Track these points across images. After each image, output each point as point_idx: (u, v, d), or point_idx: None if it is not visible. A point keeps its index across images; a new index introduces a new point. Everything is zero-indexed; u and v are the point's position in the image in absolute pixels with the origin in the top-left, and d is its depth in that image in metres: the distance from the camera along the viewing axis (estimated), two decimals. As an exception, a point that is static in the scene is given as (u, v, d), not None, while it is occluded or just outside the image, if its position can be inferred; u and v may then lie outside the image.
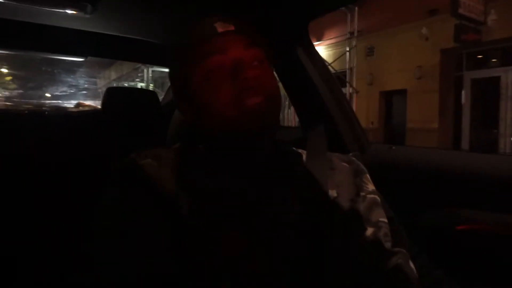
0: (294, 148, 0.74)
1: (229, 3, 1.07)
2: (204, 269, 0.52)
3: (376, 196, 0.69)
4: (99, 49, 1.58)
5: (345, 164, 0.72)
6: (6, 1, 1.04)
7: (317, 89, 1.19)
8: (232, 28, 0.64)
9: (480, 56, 7.59)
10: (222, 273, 0.52)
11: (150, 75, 11.69)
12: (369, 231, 0.63)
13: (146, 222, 0.54)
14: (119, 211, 0.56)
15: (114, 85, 13.36)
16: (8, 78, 10.48)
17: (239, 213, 0.58)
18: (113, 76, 14.84)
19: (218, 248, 0.54)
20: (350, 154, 1.15)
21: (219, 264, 0.53)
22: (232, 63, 0.61)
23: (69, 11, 1.12)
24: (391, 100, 9.14)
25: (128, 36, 1.45)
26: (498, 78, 7.15)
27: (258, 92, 0.60)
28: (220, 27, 0.63)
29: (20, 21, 1.24)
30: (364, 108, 9.32)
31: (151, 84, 11.55)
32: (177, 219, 0.55)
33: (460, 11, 6.57)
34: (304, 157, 0.71)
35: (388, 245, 0.63)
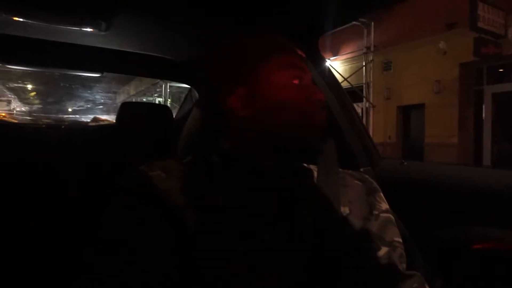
0: (305, 164, 0.73)
1: (239, 17, 1.09)
2: (210, 284, 0.52)
3: (390, 215, 0.68)
4: (114, 65, 1.61)
5: (357, 182, 0.71)
6: (24, 20, 1.08)
7: (328, 103, 1.18)
8: (304, 55, 0.70)
9: (501, 70, 7.44)
10: None
11: (168, 90, 11.92)
12: (383, 250, 0.62)
13: (152, 235, 0.54)
14: (125, 223, 0.56)
15: (133, 100, 13.66)
16: (33, 93, 10.85)
17: (248, 229, 0.57)
18: (132, 91, 15.18)
19: (225, 263, 0.53)
20: (361, 169, 1.14)
21: (226, 280, 0.52)
22: (306, 83, 0.67)
23: (84, 29, 1.16)
24: (409, 115, 9.02)
25: (142, 52, 1.48)
26: (520, 92, 6.98)
27: (323, 113, 0.67)
28: (298, 50, 0.70)
29: (38, 38, 1.28)
30: (382, 123, 9.21)
31: (168, 99, 11.75)
32: (184, 232, 0.55)
33: (480, 24, 6.48)
34: (315, 173, 0.70)
35: (403, 266, 0.62)
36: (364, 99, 9.35)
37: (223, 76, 0.69)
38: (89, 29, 1.15)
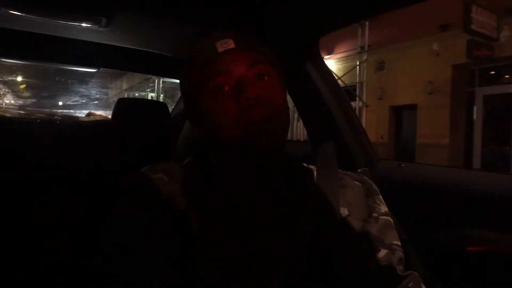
0: (304, 164, 0.73)
1: (239, 18, 1.09)
2: (213, 286, 0.52)
3: (389, 218, 0.68)
4: (112, 60, 1.60)
5: (357, 183, 0.71)
6: (24, 15, 1.07)
7: (326, 104, 1.18)
8: (232, 46, 0.63)
9: (492, 72, 7.53)
10: None
11: (161, 85, 11.83)
12: (383, 253, 0.62)
13: (156, 239, 0.54)
14: (131, 227, 0.55)
15: (126, 95, 13.54)
16: (22, 86, 10.69)
17: (249, 231, 0.57)
18: (125, 86, 15.04)
19: (228, 267, 0.54)
20: (359, 170, 1.15)
21: (227, 283, 0.53)
22: (235, 83, 0.61)
23: (84, 24, 1.15)
24: (401, 115, 9.09)
25: (140, 48, 1.47)
26: (511, 95, 7.07)
27: (260, 109, 0.60)
28: (220, 47, 0.63)
29: (36, 33, 1.27)
30: (374, 123, 9.27)
31: (161, 95, 11.67)
32: (187, 236, 0.55)
33: (473, 27, 6.55)
34: (315, 173, 0.70)
35: (400, 269, 0.62)
36: (357, 98, 9.39)
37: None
38: (89, 25, 1.14)
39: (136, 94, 14.12)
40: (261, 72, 0.63)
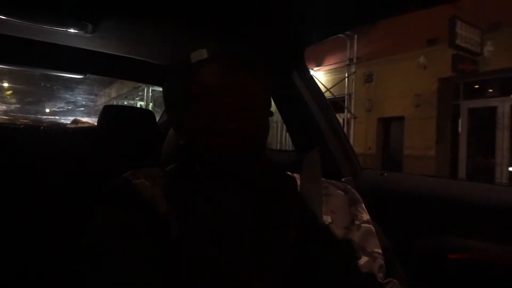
0: (288, 173, 0.74)
1: (226, 26, 1.10)
2: None
3: (371, 226, 0.69)
4: (98, 67, 1.59)
5: (340, 192, 0.72)
6: (9, 19, 1.06)
7: (312, 113, 1.20)
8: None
9: (477, 86, 7.70)
10: None
11: (150, 94, 11.78)
12: (363, 260, 0.63)
13: (136, 244, 0.54)
14: (110, 232, 0.55)
15: (114, 103, 13.46)
16: (9, 92, 10.55)
17: (231, 237, 0.57)
18: (114, 94, 14.96)
19: (207, 272, 0.53)
20: (343, 179, 1.16)
21: (211, 287, 0.52)
22: (224, 104, 0.62)
23: (70, 30, 1.14)
24: (389, 127, 9.20)
25: (126, 55, 1.47)
26: (494, 108, 7.22)
27: (235, 118, 0.60)
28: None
29: (21, 37, 1.26)
30: (362, 134, 9.36)
31: (150, 104, 11.63)
32: (168, 240, 0.55)
33: (458, 42, 6.70)
34: (298, 181, 0.71)
35: (381, 276, 0.63)
36: (345, 110, 9.48)
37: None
38: (75, 31, 1.13)
39: (125, 103, 14.03)
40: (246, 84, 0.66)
